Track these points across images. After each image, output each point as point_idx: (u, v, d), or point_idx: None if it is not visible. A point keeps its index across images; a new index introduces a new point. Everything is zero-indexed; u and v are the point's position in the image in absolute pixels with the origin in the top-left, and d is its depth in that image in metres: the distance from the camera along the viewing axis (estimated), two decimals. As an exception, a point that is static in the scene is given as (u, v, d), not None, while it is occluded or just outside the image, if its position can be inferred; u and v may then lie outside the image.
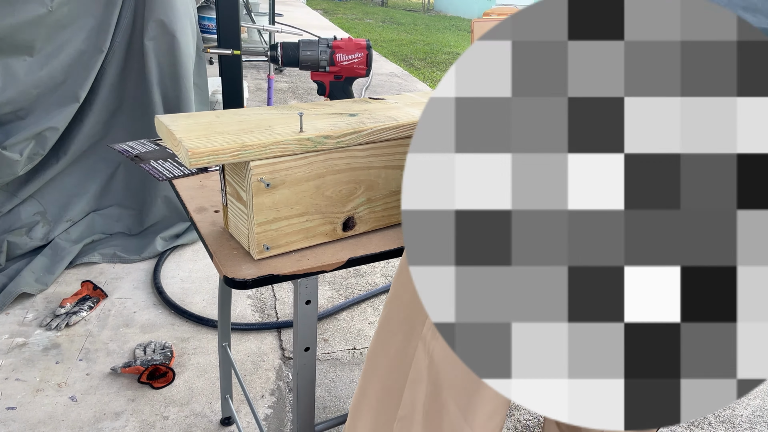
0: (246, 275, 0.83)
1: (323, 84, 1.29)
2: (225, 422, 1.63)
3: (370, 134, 0.88)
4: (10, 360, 1.78)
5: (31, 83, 2.03)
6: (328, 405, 1.74)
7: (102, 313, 2.03)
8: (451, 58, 7.58)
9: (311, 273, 0.87)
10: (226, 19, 2.58)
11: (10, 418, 1.57)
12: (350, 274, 2.44)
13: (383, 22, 11.04)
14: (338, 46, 1.25)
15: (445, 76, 0.54)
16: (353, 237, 0.96)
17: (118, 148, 1.20)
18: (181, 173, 1.14)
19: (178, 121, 0.86)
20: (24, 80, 2.02)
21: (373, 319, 2.16)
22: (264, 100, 4.76)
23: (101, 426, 1.58)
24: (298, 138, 0.82)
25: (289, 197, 0.85)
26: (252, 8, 5.91)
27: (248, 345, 1.95)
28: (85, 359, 1.81)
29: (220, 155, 0.76)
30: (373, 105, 1.01)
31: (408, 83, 6.06)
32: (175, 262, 2.39)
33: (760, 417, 1.83)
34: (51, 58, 2.08)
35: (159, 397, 1.70)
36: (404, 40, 8.83)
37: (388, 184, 0.95)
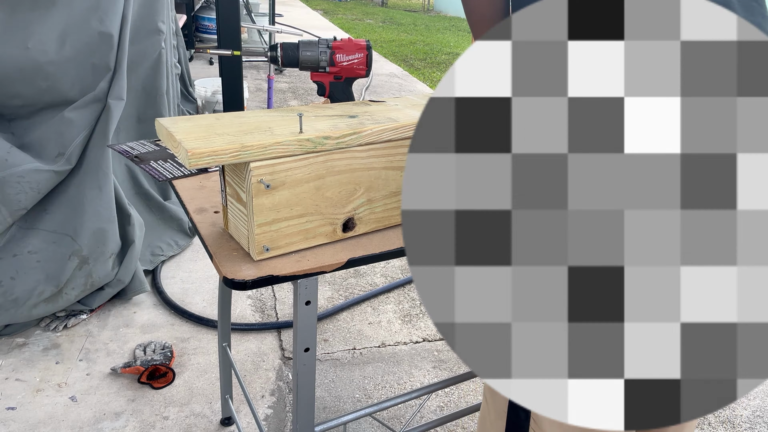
0: (246, 276, 0.83)
1: (323, 84, 1.28)
2: (225, 422, 1.63)
3: (370, 135, 0.88)
4: (10, 360, 1.78)
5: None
6: (328, 405, 1.74)
7: (102, 314, 2.03)
8: (451, 58, 7.58)
9: (311, 274, 0.87)
10: (226, 20, 2.59)
11: (10, 418, 1.57)
12: (350, 275, 2.44)
13: (383, 22, 11.04)
14: (338, 46, 1.25)
15: (445, 76, 0.54)
16: (353, 238, 0.96)
17: (117, 148, 1.20)
18: (181, 174, 1.14)
19: (178, 123, 0.86)
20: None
21: (373, 319, 2.16)
22: (264, 101, 4.75)
23: (101, 426, 1.58)
24: (297, 139, 0.82)
25: (289, 198, 0.85)
26: (252, 8, 5.91)
27: (248, 345, 1.96)
28: (85, 359, 1.81)
29: (220, 156, 0.76)
30: (373, 107, 1.02)
31: (408, 83, 6.06)
32: (175, 262, 2.39)
33: (760, 417, 1.83)
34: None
35: (159, 397, 1.70)
36: (404, 41, 8.83)
37: (388, 185, 0.95)
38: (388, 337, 2.07)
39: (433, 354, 2.01)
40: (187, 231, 2.52)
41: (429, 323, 2.17)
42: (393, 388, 1.84)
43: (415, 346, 2.04)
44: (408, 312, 2.23)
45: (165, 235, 2.45)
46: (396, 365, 1.94)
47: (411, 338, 2.08)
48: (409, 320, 2.18)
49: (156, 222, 2.46)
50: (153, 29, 2.33)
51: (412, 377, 1.89)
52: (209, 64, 5.80)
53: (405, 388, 1.84)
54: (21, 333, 1.89)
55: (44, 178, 1.84)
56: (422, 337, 2.09)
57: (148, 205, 2.46)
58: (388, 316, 2.19)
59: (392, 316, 2.19)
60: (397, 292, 2.36)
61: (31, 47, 1.82)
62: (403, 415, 1.74)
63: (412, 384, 1.86)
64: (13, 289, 1.81)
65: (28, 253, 1.85)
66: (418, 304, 2.29)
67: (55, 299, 1.88)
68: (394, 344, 2.04)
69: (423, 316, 2.21)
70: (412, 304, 2.28)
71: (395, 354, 1.99)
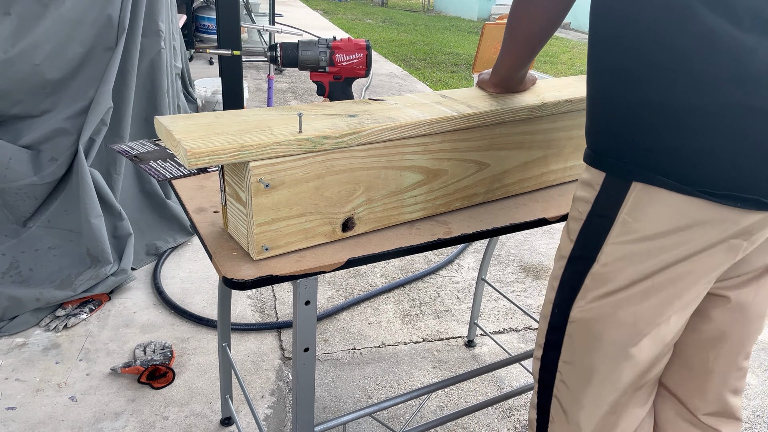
0: (245, 276, 0.83)
1: (323, 84, 1.28)
2: (225, 422, 1.63)
3: (369, 135, 0.88)
4: (10, 360, 1.78)
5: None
6: (328, 405, 1.74)
7: (102, 314, 2.03)
8: (451, 58, 7.58)
9: (310, 274, 0.86)
10: (226, 20, 2.58)
11: (10, 418, 1.57)
12: (350, 275, 2.44)
13: (383, 22, 11.04)
14: (337, 46, 1.25)
15: None
16: (353, 237, 0.96)
17: (117, 148, 1.20)
18: (181, 174, 1.14)
19: (177, 121, 0.86)
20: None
21: (373, 319, 2.17)
22: (264, 101, 4.76)
23: (101, 426, 1.58)
24: (297, 138, 0.82)
25: (288, 198, 0.85)
26: (252, 8, 5.91)
27: (248, 345, 1.96)
28: (85, 359, 1.81)
29: (219, 155, 0.76)
30: (372, 106, 1.01)
31: (408, 83, 6.06)
32: (175, 262, 2.39)
33: (760, 417, 1.83)
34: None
35: (159, 397, 1.70)
36: (404, 41, 8.83)
37: (388, 185, 0.95)
38: (388, 337, 2.07)
39: (433, 354, 2.01)
40: (188, 229, 2.52)
41: (429, 323, 2.17)
42: (393, 388, 1.84)
43: (415, 346, 2.04)
44: (408, 312, 2.23)
45: (164, 234, 2.46)
46: (396, 365, 1.94)
47: (411, 338, 2.08)
48: (409, 320, 2.18)
49: (156, 220, 2.47)
50: (153, 29, 2.33)
51: (412, 377, 1.89)
52: (209, 64, 5.80)
53: (405, 388, 1.84)
54: (21, 333, 1.89)
55: (40, 189, 2.02)
56: (422, 337, 2.09)
57: (150, 202, 2.48)
58: (388, 316, 2.19)
59: (392, 316, 2.19)
60: (397, 292, 2.36)
61: (37, 59, 1.91)
62: (403, 415, 1.74)
63: (412, 384, 1.86)
64: (30, 279, 2.00)
65: (48, 249, 2.06)
66: (418, 304, 2.29)
67: (65, 286, 2.02)
68: (394, 344, 2.04)
69: (423, 316, 2.21)
70: (412, 304, 2.28)
71: (395, 354, 1.99)
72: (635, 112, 0.73)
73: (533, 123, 1.10)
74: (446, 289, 2.41)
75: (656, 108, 0.71)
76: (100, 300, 2.06)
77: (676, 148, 0.70)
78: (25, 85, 1.93)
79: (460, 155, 1.02)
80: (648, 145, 0.72)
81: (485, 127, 1.03)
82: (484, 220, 1.05)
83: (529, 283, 2.51)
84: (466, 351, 2.04)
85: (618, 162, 0.76)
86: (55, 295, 1.96)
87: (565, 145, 1.18)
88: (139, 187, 2.46)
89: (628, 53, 0.73)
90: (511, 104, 1.05)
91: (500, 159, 1.09)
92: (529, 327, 2.20)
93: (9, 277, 1.97)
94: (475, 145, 1.03)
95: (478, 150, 1.04)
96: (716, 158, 0.68)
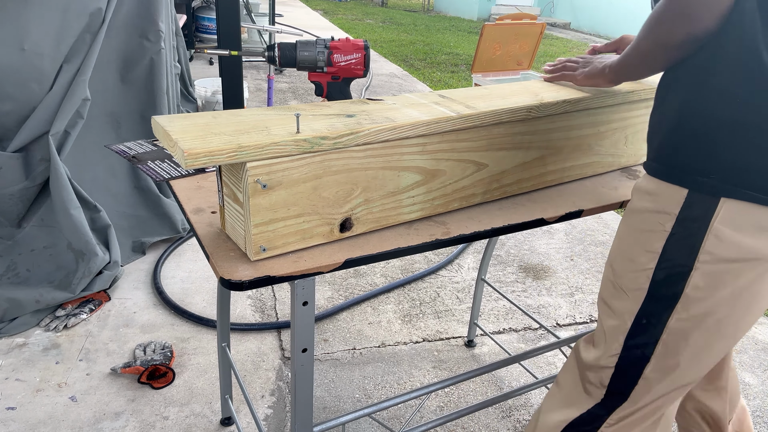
0: (242, 277, 0.83)
1: (320, 84, 1.28)
2: (225, 422, 1.63)
3: (367, 135, 0.88)
4: (10, 360, 1.79)
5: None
6: (328, 405, 1.74)
7: (102, 314, 2.03)
8: (450, 58, 7.58)
9: (308, 274, 0.86)
10: (226, 20, 2.58)
11: (10, 418, 1.58)
12: (350, 275, 2.44)
13: (383, 22, 11.03)
14: (336, 46, 1.25)
15: None
16: (351, 238, 0.96)
17: (115, 148, 1.20)
18: (179, 174, 1.14)
19: (175, 121, 0.86)
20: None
21: (373, 319, 2.17)
22: (264, 101, 4.76)
23: (101, 426, 1.58)
24: (294, 139, 0.82)
25: (286, 198, 0.85)
26: (252, 9, 5.91)
27: (248, 345, 1.96)
28: (85, 359, 1.82)
29: (217, 156, 0.76)
30: (371, 106, 1.01)
31: (408, 83, 6.06)
32: (175, 262, 2.39)
33: (760, 417, 1.82)
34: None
35: (159, 397, 1.70)
36: (404, 41, 8.82)
37: (386, 185, 0.95)
38: (388, 337, 2.07)
39: (433, 354, 2.01)
40: (178, 229, 2.52)
41: (429, 323, 2.17)
42: (393, 388, 1.84)
43: (415, 346, 2.04)
44: (408, 312, 2.23)
45: (155, 232, 2.46)
46: (396, 365, 1.94)
47: (411, 338, 2.08)
48: (409, 320, 2.18)
49: (148, 217, 2.47)
50: (153, 29, 2.33)
51: (412, 377, 1.89)
52: (209, 64, 5.80)
53: (405, 388, 1.84)
54: (21, 333, 1.90)
55: (32, 190, 2.03)
56: (422, 337, 2.09)
57: (145, 199, 2.48)
58: (388, 316, 2.19)
59: (392, 316, 2.19)
60: (397, 292, 2.36)
61: (27, 49, 1.87)
62: (402, 415, 1.74)
63: (411, 384, 1.86)
64: (28, 280, 2.00)
65: (43, 248, 2.06)
66: (418, 304, 2.29)
67: (63, 286, 2.02)
68: (394, 344, 2.04)
69: (423, 316, 2.21)
70: (412, 304, 2.28)
71: (395, 354, 1.99)
72: (736, 133, 0.78)
73: (532, 123, 1.10)
74: (446, 289, 2.41)
75: (759, 129, 0.76)
76: (100, 300, 2.06)
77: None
78: (14, 75, 1.90)
79: (458, 155, 1.02)
80: (744, 164, 0.78)
81: (483, 128, 1.03)
82: (482, 221, 1.05)
83: (529, 283, 2.51)
84: (466, 351, 2.04)
85: (706, 179, 0.81)
86: (55, 296, 1.96)
87: (564, 145, 1.18)
88: (133, 184, 2.46)
89: (735, 77, 0.77)
90: (509, 104, 1.05)
91: (498, 159, 1.09)
92: (529, 327, 2.20)
93: (7, 279, 1.97)
94: (473, 145, 1.03)
95: (477, 150, 1.04)
96: None
